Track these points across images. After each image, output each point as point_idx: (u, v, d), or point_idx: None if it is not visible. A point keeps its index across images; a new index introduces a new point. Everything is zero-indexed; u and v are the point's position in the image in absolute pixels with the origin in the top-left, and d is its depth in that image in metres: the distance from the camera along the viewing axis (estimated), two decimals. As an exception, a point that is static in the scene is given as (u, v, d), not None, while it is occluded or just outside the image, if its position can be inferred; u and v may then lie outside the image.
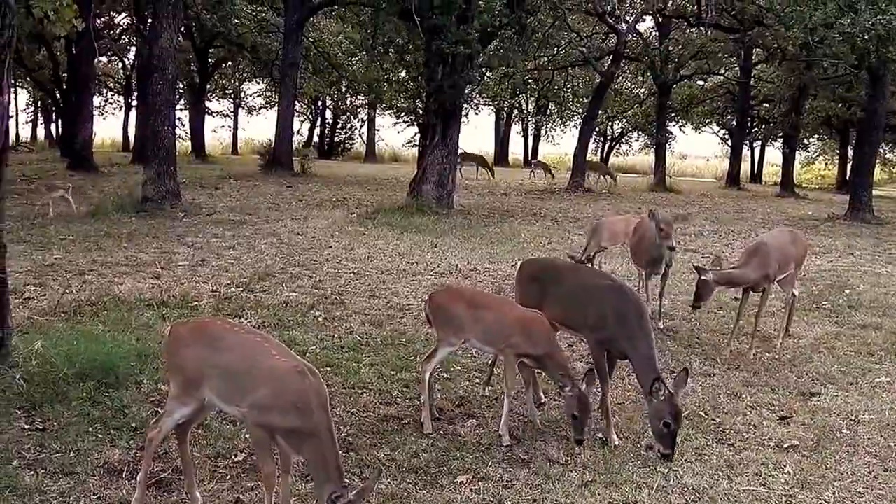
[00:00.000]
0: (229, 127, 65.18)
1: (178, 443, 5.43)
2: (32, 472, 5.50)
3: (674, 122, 52.53)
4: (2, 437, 5.95)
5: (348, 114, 62.76)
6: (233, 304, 10.25)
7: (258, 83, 58.91)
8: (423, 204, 21.14)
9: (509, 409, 6.58)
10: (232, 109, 64.13)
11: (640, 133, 60.13)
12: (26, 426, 6.21)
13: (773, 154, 56.83)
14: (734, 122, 47.48)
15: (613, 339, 6.68)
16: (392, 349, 8.72)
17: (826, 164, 61.80)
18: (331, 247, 15.34)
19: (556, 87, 48.91)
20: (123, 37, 46.81)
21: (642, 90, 50.31)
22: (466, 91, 26.76)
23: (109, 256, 13.24)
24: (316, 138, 62.60)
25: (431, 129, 22.61)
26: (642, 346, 6.54)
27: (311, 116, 63.41)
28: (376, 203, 22.50)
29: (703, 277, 8.81)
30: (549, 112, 62.30)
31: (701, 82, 47.37)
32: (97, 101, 49.81)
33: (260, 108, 64.30)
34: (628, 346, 6.58)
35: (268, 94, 60.34)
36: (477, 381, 7.94)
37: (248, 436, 5.83)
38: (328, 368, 7.85)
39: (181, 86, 40.90)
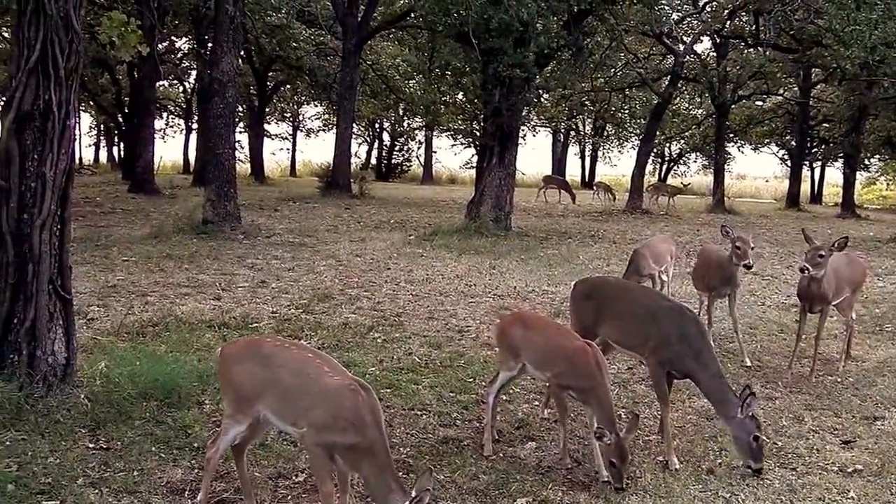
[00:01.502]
0: (287, 149, 65.85)
1: (236, 462, 5.49)
2: (97, 491, 5.56)
3: (732, 143, 52.01)
4: (67, 455, 6.02)
5: (405, 136, 63.13)
6: (292, 326, 10.32)
7: (316, 106, 59.52)
8: (480, 226, 21.14)
9: (566, 435, 6.51)
10: (290, 132, 64.75)
11: (697, 154, 59.62)
12: (91, 445, 6.28)
13: (834, 174, 56.12)
14: (793, 143, 46.90)
15: (678, 359, 6.60)
16: (451, 371, 8.71)
17: (888, 184, 60.76)
18: (389, 269, 15.41)
19: (613, 109, 48.85)
20: (184, 61, 47.54)
21: (700, 111, 49.92)
22: (524, 113, 26.74)
23: (171, 278, 13.41)
24: (373, 160, 62.98)
25: (489, 150, 22.65)
26: (711, 365, 6.47)
27: (368, 139, 63.85)
28: (434, 225, 22.54)
29: None
30: (606, 133, 62.16)
31: (759, 103, 46.93)
32: (158, 124, 50.69)
33: (318, 131, 64.93)
34: (696, 365, 6.50)
35: (325, 116, 60.93)
36: (536, 403, 7.90)
37: (307, 456, 5.85)
38: (388, 390, 7.86)
39: (241, 109, 41.42)
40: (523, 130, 46.53)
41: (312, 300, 12.01)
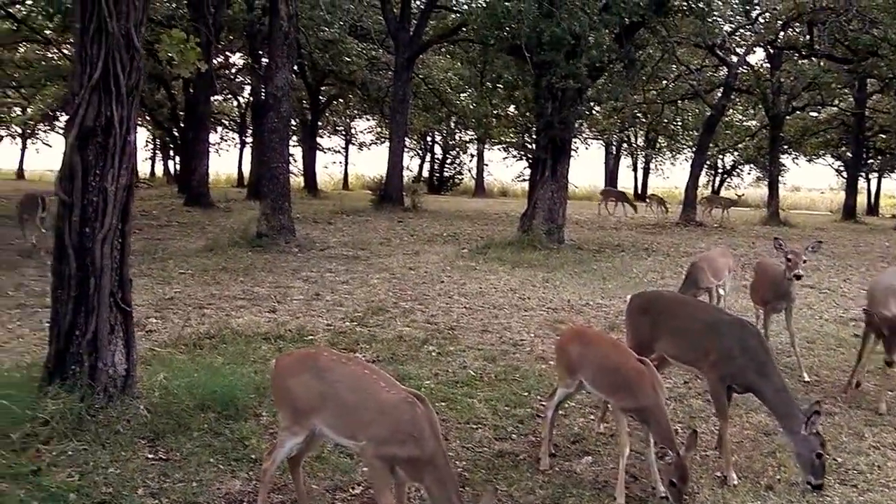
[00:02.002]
0: (340, 162, 66.26)
1: (293, 474, 5.53)
2: (157, 502, 5.63)
3: (787, 155, 51.43)
4: (128, 466, 6.10)
5: (457, 149, 63.26)
6: (347, 339, 10.37)
7: (368, 119, 59.89)
8: (533, 239, 21.11)
9: (626, 455, 6.42)
10: (343, 145, 65.19)
11: (751, 166, 59.01)
12: (150, 456, 6.36)
13: (891, 185, 55.23)
14: (849, 154, 46.30)
15: (740, 373, 6.52)
16: (506, 385, 8.70)
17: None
18: (443, 281, 15.44)
19: (665, 121, 48.54)
20: (238, 76, 48.07)
21: (754, 122, 49.42)
22: (576, 125, 26.69)
23: (227, 290, 13.55)
24: (425, 173, 63.16)
25: (541, 163, 22.63)
26: (775, 378, 6.39)
27: (420, 152, 64.05)
28: (486, 238, 22.56)
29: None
30: (658, 145, 61.79)
31: (814, 114, 46.36)
32: (213, 138, 51.28)
33: (370, 144, 65.29)
34: (759, 379, 6.41)
35: (377, 130, 61.27)
36: (592, 417, 7.86)
37: (365, 469, 5.87)
38: (443, 403, 7.86)
39: (294, 123, 41.80)
40: (576, 143, 46.36)
41: (367, 313, 12.06)
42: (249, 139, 53.43)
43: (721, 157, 57.92)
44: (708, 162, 51.30)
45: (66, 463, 6.06)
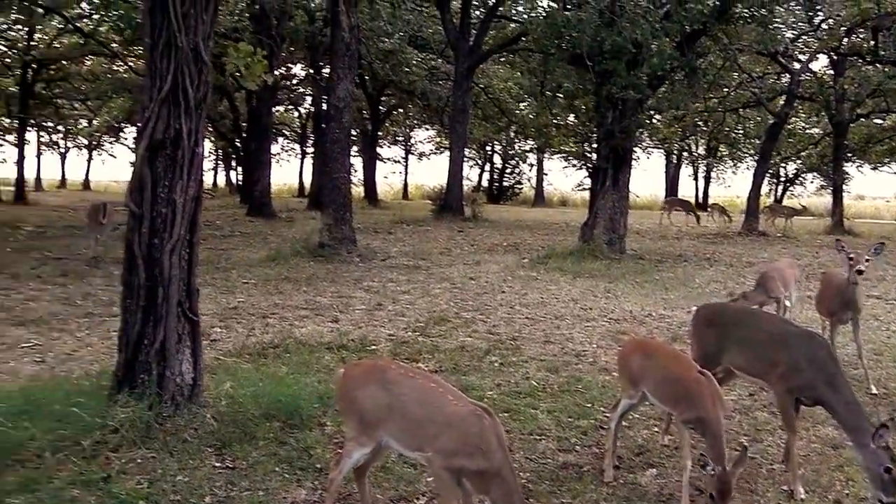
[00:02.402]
0: (400, 172, 66.56)
1: (358, 484, 5.56)
2: (224, 510, 5.70)
3: (851, 163, 50.54)
4: (195, 474, 6.16)
5: (517, 158, 63.21)
6: (410, 349, 10.40)
7: (427, 129, 60.09)
8: (594, 248, 21.00)
9: (690, 469, 6.35)
10: (402, 155, 65.48)
11: (814, 174, 58.10)
12: (217, 464, 6.42)
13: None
14: (915, 162, 45.48)
15: (808, 385, 6.42)
16: (569, 396, 8.65)
17: None
18: (504, 292, 15.42)
19: (726, 129, 48.02)
20: (299, 87, 48.51)
21: (817, 130, 48.67)
22: (637, 134, 26.53)
23: (290, 300, 13.67)
24: (485, 183, 63.19)
25: (602, 173, 22.51)
26: (845, 391, 6.27)
27: (480, 161, 64.11)
28: (547, 248, 22.49)
29: None
30: (719, 154, 61.14)
31: (879, 121, 45.49)
32: (274, 148, 51.81)
33: (429, 154, 65.52)
34: (829, 392, 6.29)
35: (437, 139, 61.46)
36: (655, 429, 7.78)
37: (430, 479, 5.88)
38: (506, 414, 7.85)
39: (354, 133, 42.13)
40: (636, 152, 46.13)
41: (429, 323, 12.10)
42: (310, 149, 53.91)
43: (783, 165, 57.16)
44: (770, 170, 50.64)
45: (135, 470, 6.14)
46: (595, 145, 24.37)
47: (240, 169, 49.98)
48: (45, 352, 9.92)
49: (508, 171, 64.69)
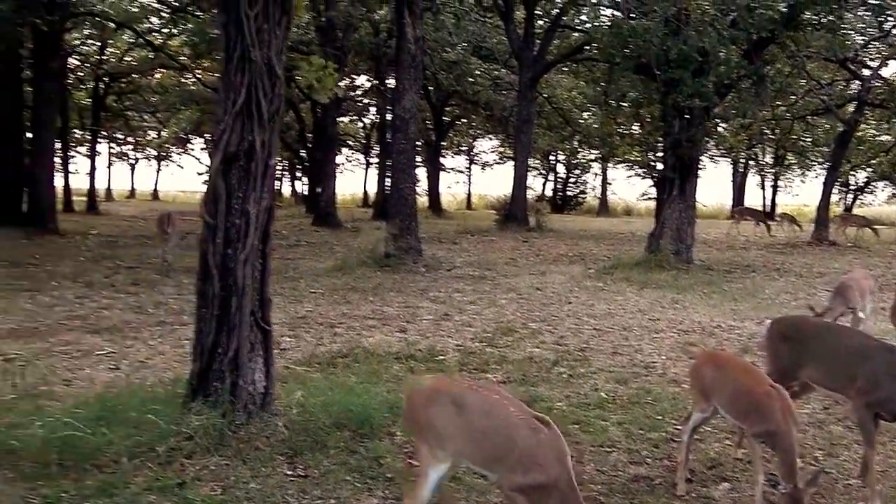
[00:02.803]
0: (463, 182, 66.69)
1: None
2: (297, 518, 5.76)
3: (924, 170, 49.49)
4: (268, 482, 6.24)
5: (581, 168, 62.99)
6: (477, 359, 10.41)
7: (491, 139, 60.13)
8: (661, 259, 20.82)
9: (763, 483, 6.27)
10: (466, 165, 65.60)
11: (885, 182, 56.98)
12: (289, 472, 6.48)
13: None
14: None
15: (888, 400, 6.31)
16: (639, 408, 8.59)
17: None
18: (570, 302, 15.38)
19: (794, 137, 47.36)
20: (364, 97, 48.86)
21: (888, 137, 47.75)
22: (703, 143, 26.28)
23: (357, 310, 13.78)
24: (549, 192, 63.07)
25: (669, 182, 22.35)
26: None
27: (543, 171, 63.99)
28: (613, 258, 22.38)
29: None
30: (787, 162, 60.28)
31: (952, 127, 44.56)
32: (338, 159, 52.26)
33: (493, 164, 65.56)
34: None
35: (500, 149, 61.48)
36: (728, 442, 7.70)
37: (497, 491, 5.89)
38: (576, 426, 7.82)
39: (418, 143, 42.34)
40: (703, 161, 45.68)
41: (496, 333, 12.11)
42: (374, 160, 54.32)
43: (853, 173, 56.19)
44: (839, 179, 49.81)
45: (209, 477, 6.24)
46: (660, 154, 24.22)
47: (305, 179, 50.45)
48: (120, 359, 10.13)
49: (572, 180, 64.51)
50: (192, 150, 68.36)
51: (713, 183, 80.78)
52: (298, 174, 61.29)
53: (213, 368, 7.10)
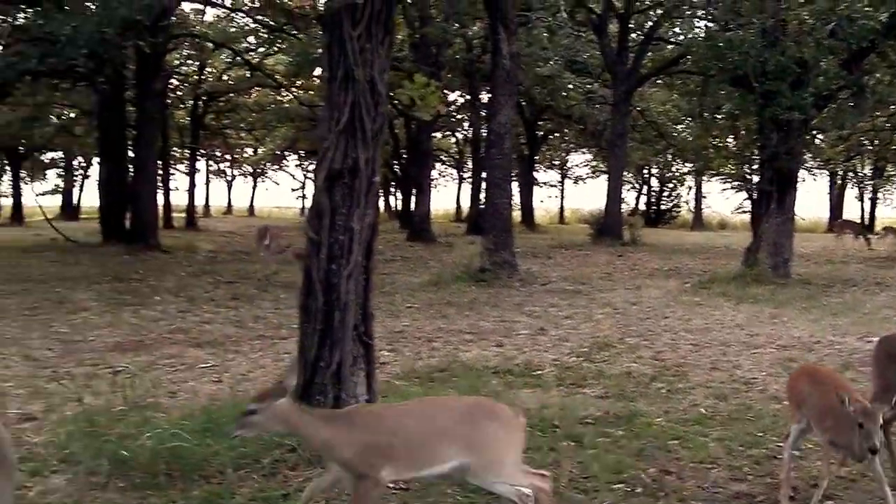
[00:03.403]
0: (555, 196, 66.53)
1: None
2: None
3: None
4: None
5: (674, 181, 62.31)
6: (574, 374, 10.37)
7: (584, 153, 59.91)
8: (758, 273, 20.45)
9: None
10: (559, 179, 65.46)
11: None
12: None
13: None
14: None
15: None
16: (739, 424, 8.46)
17: None
18: (667, 317, 15.23)
19: (894, 148, 46.22)
20: (458, 113, 49.09)
21: None
22: (802, 156, 25.81)
23: (453, 324, 13.87)
24: (642, 206, 62.53)
25: (766, 196, 21.98)
26: None
27: (637, 184, 63.47)
28: (709, 272, 22.09)
29: None
30: (887, 174, 58.79)
31: None
32: (432, 174, 52.59)
33: (585, 178, 65.28)
34: None
35: (593, 163, 61.20)
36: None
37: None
38: (675, 441, 7.74)
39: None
40: (802, 174, 44.86)
41: (593, 348, 12.04)
42: (467, 174, 54.53)
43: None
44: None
45: (314, 491, 6.36)
46: (756, 167, 23.84)
47: (399, 194, 50.94)
48: (222, 372, 10.35)
49: (666, 193, 63.84)
50: (287, 166, 69.54)
51: (810, 195, 78.93)
52: (392, 189, 61.83)
53: (315, 382, 7.20)
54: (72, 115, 43.08)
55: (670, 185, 63.24)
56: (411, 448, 5.31)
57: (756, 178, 24.56)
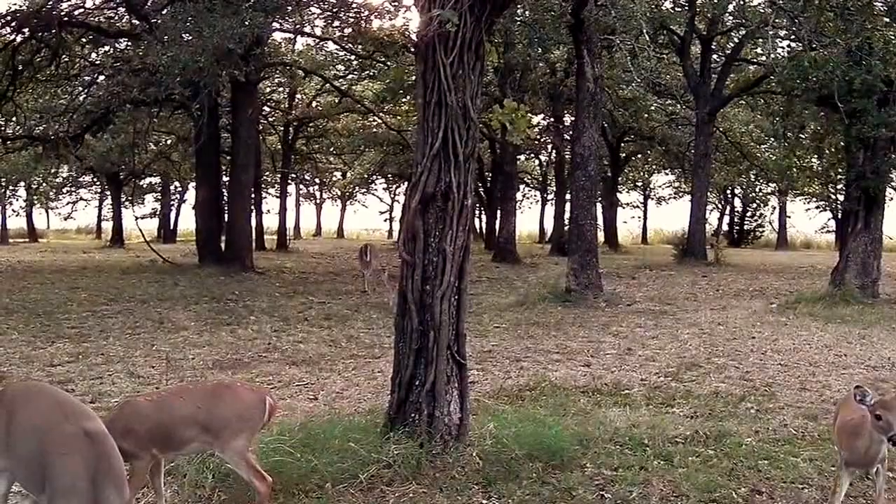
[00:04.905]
0: (639, 217, 66.03)
1: None
2: (494, 545, 5.86)
3: None
4: (464, 510, 6.38)
5: (758, 201, 61.38)
6: (663, 394, 10.30)
7: (667, 174, 59.38)
8: (845, 293, 20.03)
9: None
10: (641, 200, 64.98)
11: None
12: (484, 501, 6.58)
13: None
14: None
15: None
16: (829, 444, 8.28)
17: None
18: (753, 337, 15.02)
19: None
20: (541, 135, 49.09)
21: None
22: (890, 175, 25.26)
23: (541, 344, 13.87)
24: (725, 226, 61.72)
25: (852, 215, 21.57)
26: None
27: (720, 205, 62.66)
28: (795, 292, 21.70)
29: None
30: (978, 192, 57.15)
31: None
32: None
33: (668, 199, 64.69)
34: None
35: (676, 184, 60.63)
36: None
37: None
38: (765, 461, 7.64)
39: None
40: (889, 193, 43.80)
41: (680, 368, 11.94)
42: (550, 196, 54.42)
43: None
44: None
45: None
46: (842, 186, 23.39)
47: (483, 216, 51.06)
48: (318, 390, 10.52)
49: (749, 213, 62.89)
50: (375, 190, 70.19)
51: (897, 214, 77.00)
52: (477, 211, 62.05)
53: (410, 400, 7.31)
54: (168, 141, 44.23)
55: (754, 206, 62.34)
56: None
57: (841, 198, 24.08)
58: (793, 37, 23.69)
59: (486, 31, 7.34)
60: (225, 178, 32.43)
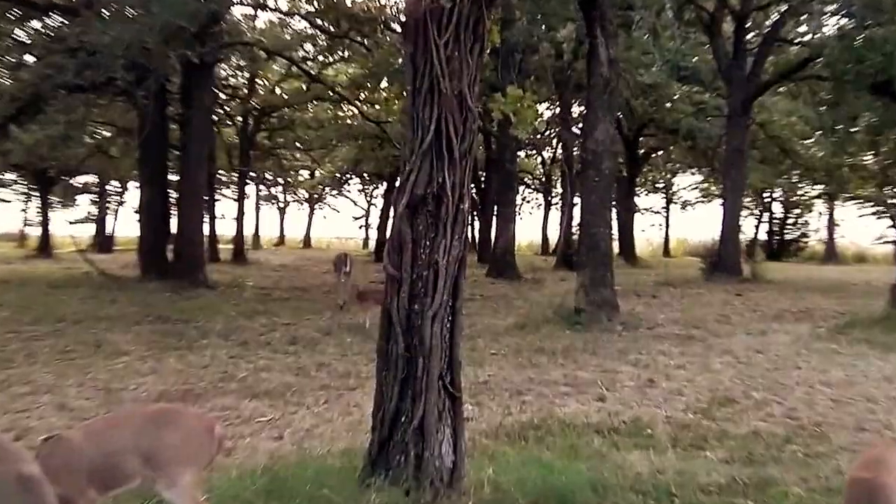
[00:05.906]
0: (660, 225, 66.09)
1: None
2: None
3: None
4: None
5: (801, 207, 61.57)
6: (692, 433, 10.29)
7: (693, 174, 59.48)
8: (908, 315, 20.16)
9: None
10: (663, 205, 65.05)
11: None
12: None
13: None
14: None
15: None
16: (893, 495, 8.37)
17: None
18: (799, 367, 15.04)
19: None
20: (546, 129, 49.06)
21: None
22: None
23: (546, 374, 13.86)
24: (763, 236, 61.90)
25: (915, 223, 21.71)
26: None
27: (756, 211, 62.83)
28: (848, 314, 21.77)
29: None
30: None
31: None
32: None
33: (694, 203, 64.77)
34: None
35: (703, 185, 60.73)
36: None
37: None
38: (816, 514, 7.69)
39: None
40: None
41: (712, 404, 11.94)
42: (555, 200, 54.46)
43: None
44: None
45: (392, 563, 6.43)
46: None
47: (476, 223, 50.56)
48: (283, 427, 10.49)
49: (791, 221, 63.07)
50: (349, 191, 70.26)
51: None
52: (469, 217, 61.93)
53: (394, 439, 7.29)
54: (107, 133, 43.97)
55: (796, 212, 62.52)
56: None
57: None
58: (843, 12, 23.89)
59: (487, 6, 7.34)
60: (173, 177, 32.24)
